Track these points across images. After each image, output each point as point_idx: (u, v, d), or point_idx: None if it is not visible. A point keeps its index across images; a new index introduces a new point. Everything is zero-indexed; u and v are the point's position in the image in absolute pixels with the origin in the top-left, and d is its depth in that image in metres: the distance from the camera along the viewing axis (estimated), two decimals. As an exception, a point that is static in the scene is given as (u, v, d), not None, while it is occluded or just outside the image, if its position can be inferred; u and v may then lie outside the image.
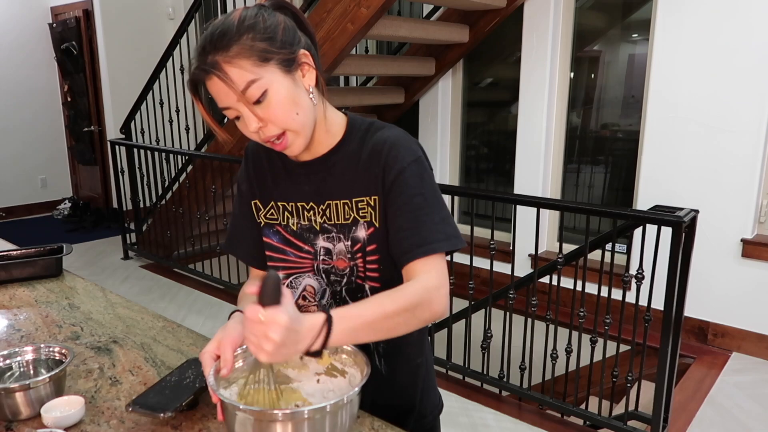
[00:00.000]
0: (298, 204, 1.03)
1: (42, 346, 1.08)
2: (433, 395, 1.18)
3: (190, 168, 4.22)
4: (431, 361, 1.19)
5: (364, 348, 1.01)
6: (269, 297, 0.75)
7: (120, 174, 4.70)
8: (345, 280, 1.03)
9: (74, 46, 5.80)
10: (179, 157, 4.34)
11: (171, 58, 4.15)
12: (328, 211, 1.01)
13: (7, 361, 1.05)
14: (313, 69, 0.93)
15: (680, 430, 2.44)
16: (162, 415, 0.92)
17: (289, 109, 0.90)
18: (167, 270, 4.48)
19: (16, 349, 1.07)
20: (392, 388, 1.07)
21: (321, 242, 1.02)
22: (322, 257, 1.03)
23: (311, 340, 0.77)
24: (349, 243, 1.00)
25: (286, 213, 1.05)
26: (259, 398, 0.88)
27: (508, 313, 2.65)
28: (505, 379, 2.68)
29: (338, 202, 1.00)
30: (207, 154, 3.93)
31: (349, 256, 1.00)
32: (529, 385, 2.71)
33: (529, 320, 2.58)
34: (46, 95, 6.19)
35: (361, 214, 0.98)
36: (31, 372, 1.06)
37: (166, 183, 4.47)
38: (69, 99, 6.14)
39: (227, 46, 0.86)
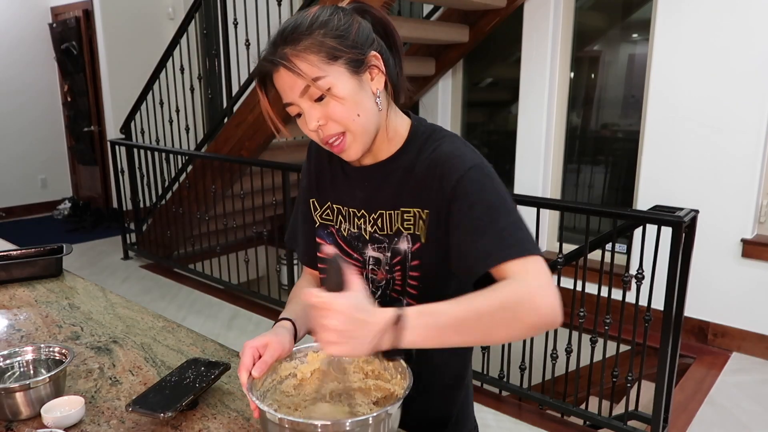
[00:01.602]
0: (351, 210, 1.00)
1: (42, 346, 1.08)
2: (470, 416, 1.14)
3: (190, 168, 4.22)
4: (471, 381, 1.14)
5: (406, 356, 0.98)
6: (331, 282, 0.71)
7: (120, 174, 4.70)
8: (379, 292, 0.99)
9: (74, 46, 5.79)
10: (179, 157, 4.34)
11: (171, 58, 4.15)
12: (379, 220, 0.97)
13: (7, 361, 1.05)
14: (382, 73, 0.91)
15: (680, 430, 2.44)
16: (162, 415, 0.92)
17: (350, 109, 0.87)
18: (167, 270, 4.48)
19: (16, 349, 1.07)
20: (429, 398, 1.04)
21: (370, 252, 0.99)
22: (371, 266, 0.99)
23: (381, 334, 0.71)
24: (389, 255, 0.96)
25: (339, 217, 1.02)
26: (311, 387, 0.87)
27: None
28: (505, 379, 2.68)
29: (391, 212, 0.95)
30: (207, 154, 3.93)
31: (387, 268, 0.97)
32: (529, 385, 2.71)
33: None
34: (46, 95, 6.19)
35: (405, 226, 0.94)
36: (31, 372, 1.06)
37: (166, 183, 4.47)
38: (69, 99, 6.14)
39: (297, 39, 0.86)
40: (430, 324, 0.73)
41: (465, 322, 0.75)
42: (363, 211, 0.98)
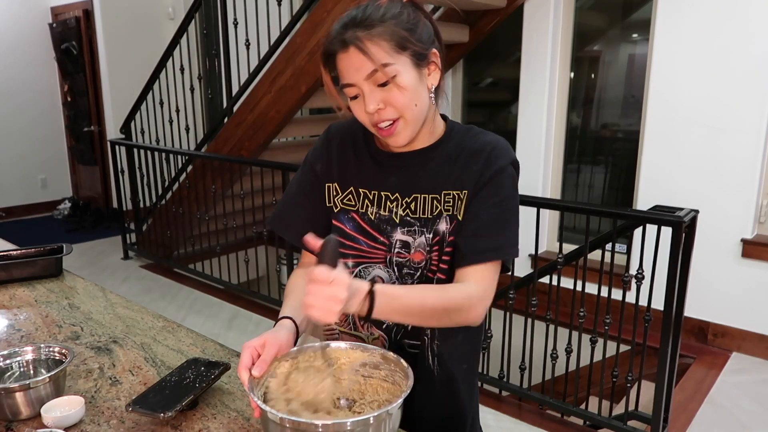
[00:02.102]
0: (382, 193, 1.03)
1: (42, 346, 1.08)
2: (478, 422, 1.18)
3: (190, 168, 4.22)
4: (477, 387, 1.18)
5: (420, 348, 1.03)
6: (331, 260, 0.79)
7: (120, 174, 4.70)
8: (419, 273, 1.02)
9: (74, 46, 5.79)
10: (179, 157, 4.34)
11: (171, 58, 4.15)
12: (413, 204, 1.01)
13: (7, 361, 1.05)
14: (439, 70, 0.97)
15: (680, 430, 2.44)
16: (162, 415, 0.92)
17: (409, 98, 0.93)
18: (167, 270, 4.48)
19: (16, 349, 1.07)
20: (444, 390, 1.06)
21: (398, 235, 1.02)
22: (396, 250, 1.02)
23: (359, 304, 0.83)
24: (430, 236, 1.00)
25: (366, 201, 1.04)
26: (306, 382, 0.88)
27: (508, 313, 2.65)
28: (505, 379, 2.68)
29: (426, 196, 1.00)
30: (207, 154, 3.93)
31: (428, 249, 1.01)
32: (529, 385, 2.71)
33: (529, 320, 2.58)
34: (46, 95, 6.19)
35: (446, 207, 0.99)
36: (31, 372, 1.06)
37: (166, 183, 4.47)
38: (69, 99, 6.14)
39: (371, 24, 0.90)
40: (385, 303, 0.85)
41: (411, 310, 0.90)
42: (397, 194, 1.02)
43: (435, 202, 1.00)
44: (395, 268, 1.03)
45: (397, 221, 1.01)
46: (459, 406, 1.09)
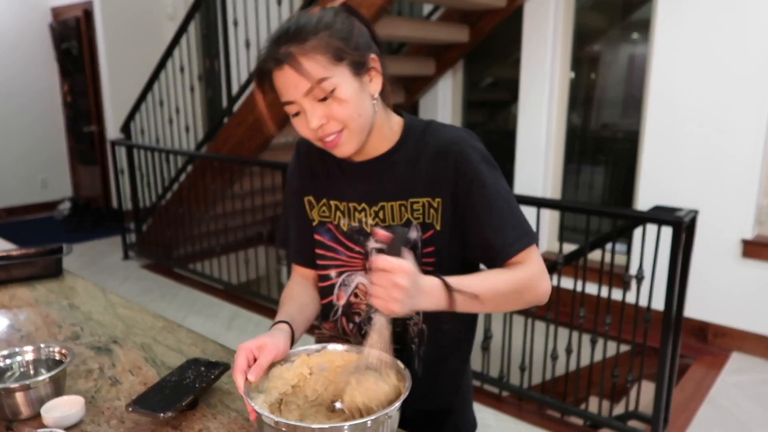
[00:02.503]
0: (350, 204, 1.02)
1: (42, 346, 1.08)
2: (470, 415, 1.17)
3: (190, 168, 4.22)
4: (471, 380, 1.18)
5: (405, 353, 1.02)
6: (396, 250, 0.80)
7: (120, 174, 4.70)
8: None
9: (74, 46, 5.80)
10: (179, 157, 4.34)
11: (171, 58, 4.15)
12: (381, 212, 0.99)
13: (7, 361, 1.05)
14: (380, 75, 0.94)
15: (680, 430, 2.44)
16: (162, 415, 0.92)
17: (352, 110, 0.90)
18: (167, 270, 4.47)
19: (16, 349, 1.07)
20: (426, 389, 1.05)
21: (372, 243, 1.01)
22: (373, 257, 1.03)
23: (437, 298, 0.83)
24: None
25: (338, 212, 1.04)
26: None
27: (508, 313, 2.65)
28: (505, 379, 2.68)
29: (393, 203, 0.98)
30: (207, 154, 3.93)
31: None
32: (529, 385, 2.71)
33: (529, 320, 2.58)
34: (46, 95, 6.19)
35: (414, 216, 0.97)
36: (31, 372, 1.06)
37: (166, 183, 4.47)
38: (69, 99, 6.14)
39: (304, 39, 0.87)
40: (462, 291, 0.85)
41: (486, 297, 0.89)
42: (364, 204, 1.00)
43: (402, 209, 0.98)
44: None
45: (368, 231, 1.01)
46: (442, 402, 1.09)
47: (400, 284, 0.77)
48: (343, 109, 0.89)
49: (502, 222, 0.94)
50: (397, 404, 0.79)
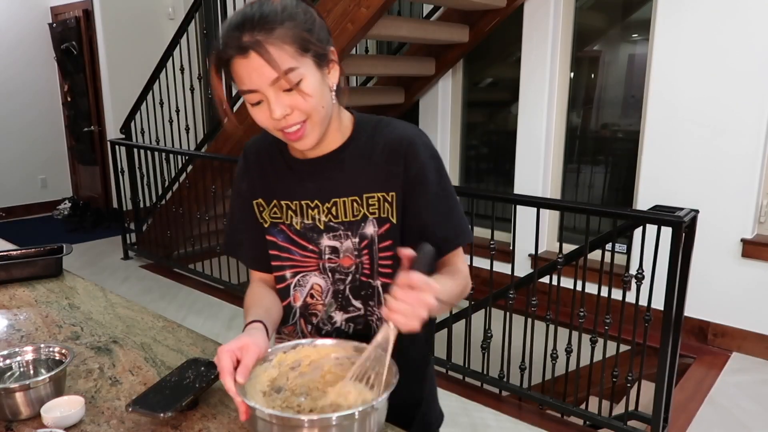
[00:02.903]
0: (302, 202, 1.02)
1: (42, 346, 1.08)
2: (437, 406, 1.19)
3: (190, 168, 4.22)
4: (433, 371, 1.19)
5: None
6: (426, 267, 0.81)
7: (120, 174, 4.70)
8: (350, 278, 1.02)
9: (74, 46, 5.79)
10: (179, 157, 4.34)
11: (171, 58, 4.14)
12: (334, 209, 1.00)
13: (7, 361, 1.05)
14: (338, 67, 0.94)
15: (680, 430, 2.44)
16: (162, 415, 0.92)
17: (317, 101, 0.90)
18: (167, 270, 4.47)
19: (16, 349, 1.07)
20: (397, 383, 1.06)
21: (326, 241, 1.01)
22: (327, 256, 1.02)
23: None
24: (357, 240, 1.00)
25: (289, 212, 1.03)
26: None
27: (508, 313, 2.65)
28: (505, 379, 2.68)
29: (346, 199, 0.99)
30: (207, 154, 3.93)
31: (356, 253, 1.00)
32: (529, 385, 2.71)
33: (529, 320, 2.58)
34: (46, 95, 6.19)
35: (370, 210, 0.98)
36: (31, 372, 1.06)
37: (166, 183, 4.47)
38: (69, 99, 6.14)
39: (271, 28, 0.85)
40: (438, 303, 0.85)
41: (447, 301, 0.92)
42: (317, 201, 1.01)
43: (356, 204, 0.99)
44: (329, 274, 1.03)
45: (322, 227, 1.01)
46: (410, 394, 1.10)
47: (429, 303, 0.77)
48: (307, 101, 0.88)
49: (441, 219, 0.98)
50: (385, 395, 0.80)
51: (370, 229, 0.99)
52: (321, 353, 0.95)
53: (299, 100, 0.88)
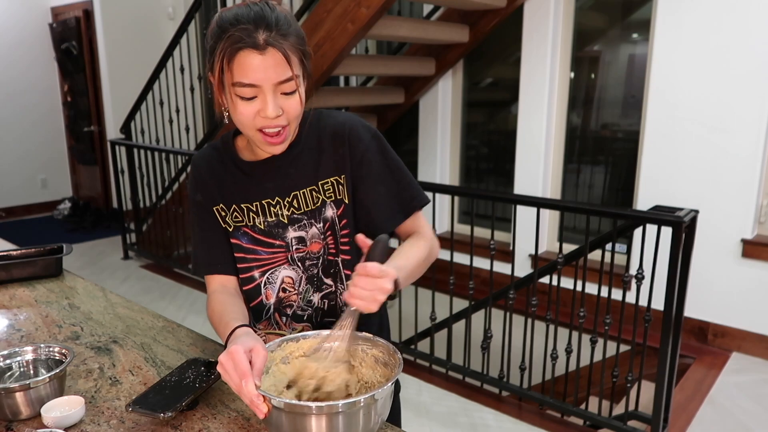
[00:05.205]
0: (263, 202, 1.05)
1: (42, 346, 1.08)
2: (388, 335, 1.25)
3: (190, 168, 4.21)
4: (388, 318, 1.25)
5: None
6: (381, 257, 0.88)
7: (120, 174, 4.70)
8: (320, 260, 1.07)
9: (74, 46, 5.79)
10: (179, 157, 4.34)
11: (171, 58, 4.15)
12: (295, 201, 1.04)
13: (7, 361, 1.05)
14: (308, 75, 0.98)
15: (680, 430, 2.44)
16: (162, 415, 0.92)
17: (300, 109, 0.96)
18: (167, 270, 4.48)
19: (16, 349, 1.07)
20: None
21: (292, 233, 1.05)
22: (295, 247, 1.06)
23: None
24: (321, 225, 1.05)
25: (251, 213, 1.06)
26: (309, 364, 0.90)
27: (508, 313, 2.65)
28: (505, 379, 2.68)
29: (305, 190, 1.04)
30: (207, 154, 3.92)
31: (322, 237, 1.05)
32: (529, 385, 2.71)
33: (529, 320, 2.58)
34: (46, 95, 6.19)
35: (327, 195, 1.04)
36: (31, 372, 1.06)
37: (166, 183, 4.47)
38: (69, 99, 6.14)
39: (286, 33, 0.90)
40: (403, 277, 0.91)
41: (413, 272, 0.98)
42: (277, 198, 1.05)
43: (314, 193, 1.04)
44: (299, 264, 1.07)
45: (286, 221, 1.05)
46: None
47: (386, 288, 0.83)
48: (295, 107, 0.94)
49: (392, 191, 1.04)
50: (390, 383, 0.82)
51: (330, 212, 1.04)
52: (304, 348, 0.96)
53: (292, 105, 0.94)
